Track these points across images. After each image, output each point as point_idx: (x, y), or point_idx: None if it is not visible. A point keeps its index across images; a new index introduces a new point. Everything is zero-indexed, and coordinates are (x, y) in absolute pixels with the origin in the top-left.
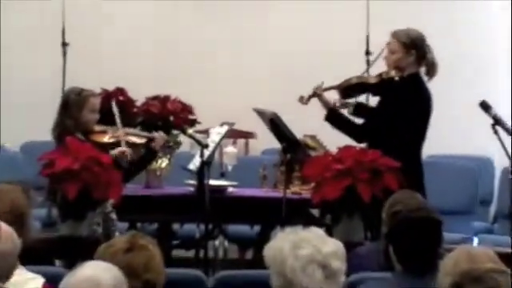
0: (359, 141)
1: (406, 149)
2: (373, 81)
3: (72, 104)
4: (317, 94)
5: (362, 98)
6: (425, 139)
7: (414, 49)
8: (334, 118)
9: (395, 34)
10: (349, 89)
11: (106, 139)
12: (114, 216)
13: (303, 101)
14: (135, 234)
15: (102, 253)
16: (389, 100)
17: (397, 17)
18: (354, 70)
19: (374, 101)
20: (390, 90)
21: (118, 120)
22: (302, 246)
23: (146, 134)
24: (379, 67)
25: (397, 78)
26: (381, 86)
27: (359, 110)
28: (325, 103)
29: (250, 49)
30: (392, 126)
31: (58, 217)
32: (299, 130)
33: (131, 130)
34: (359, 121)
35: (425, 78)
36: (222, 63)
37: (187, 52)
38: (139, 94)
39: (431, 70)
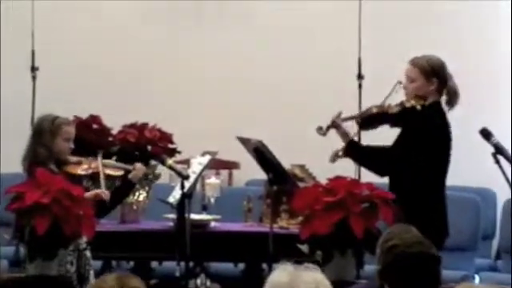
0: (382, 174)
1: (430, 182)
2: (394, 110)
3: (45, 132)
4: (335, 124)
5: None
6: (447, 172)
7: (434, 77)
8: (354, 150)
9: (414, 62)
10: (369, 119)
11: (81, 171)
12: (88, 254)
13: (322, 131)
14: (128, 274)
15: None
16: (411, 130)
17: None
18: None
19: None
20: (412, 119)
21: (99, 156)
22: None
23: (124, 165)
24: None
25: (419, 107)
26: (402, 115)
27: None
28: (343, 135)
29: (235, 74)
30: (416, 157)
31: (25, 255)
32: (286, 160)
33: (108, 161)
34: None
35: (445, 108)
36: (203, 88)
37: (165, 77)
38: (115, 122)
39: (452, 99)
